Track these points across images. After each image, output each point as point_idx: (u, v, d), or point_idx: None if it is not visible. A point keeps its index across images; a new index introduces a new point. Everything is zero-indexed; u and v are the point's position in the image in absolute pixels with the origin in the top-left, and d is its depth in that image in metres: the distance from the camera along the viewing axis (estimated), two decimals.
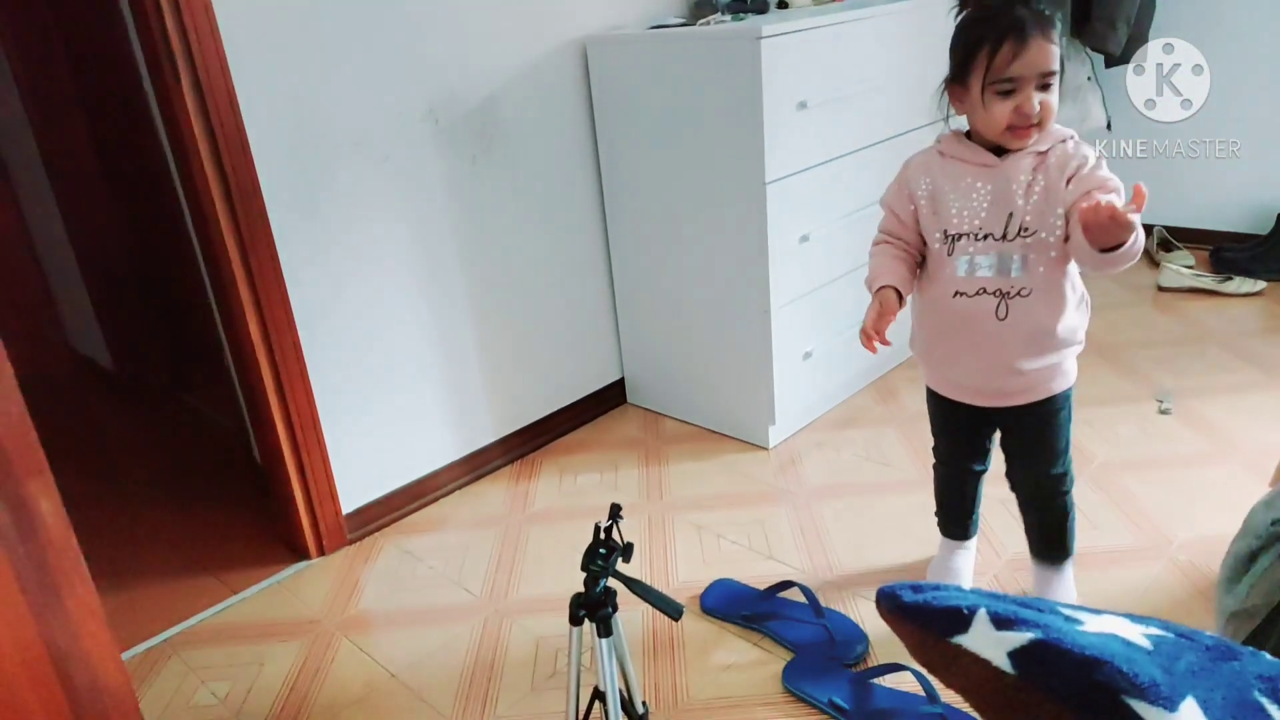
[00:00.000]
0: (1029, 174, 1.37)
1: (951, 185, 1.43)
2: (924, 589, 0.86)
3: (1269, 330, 2.72)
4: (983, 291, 1.42)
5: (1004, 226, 1.40)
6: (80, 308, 3.12)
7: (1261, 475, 1.95)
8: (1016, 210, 1.38)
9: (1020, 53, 1.30)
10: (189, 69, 1.69)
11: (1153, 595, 1.72)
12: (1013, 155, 1.39)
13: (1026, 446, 1.57)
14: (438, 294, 2.17)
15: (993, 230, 1.40)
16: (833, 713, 1.51)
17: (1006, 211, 1.39)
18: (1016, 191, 1.38)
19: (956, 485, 1.73)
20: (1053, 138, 1.38)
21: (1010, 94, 1.33)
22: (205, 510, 2.35)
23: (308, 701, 1.67)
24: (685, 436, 2.46)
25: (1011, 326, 1.42)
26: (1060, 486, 1.59)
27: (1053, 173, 1.36)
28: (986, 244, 1.41)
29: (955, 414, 1.60)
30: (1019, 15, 1.30)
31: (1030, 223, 1.38)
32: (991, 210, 1.40)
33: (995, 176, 1.39)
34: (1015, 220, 1.38)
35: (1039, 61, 1.31)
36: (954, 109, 1.44)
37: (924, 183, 1.47)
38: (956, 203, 1.42)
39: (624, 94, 2.26)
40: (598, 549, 1.26)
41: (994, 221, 1.40)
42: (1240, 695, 0.74)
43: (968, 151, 1.42)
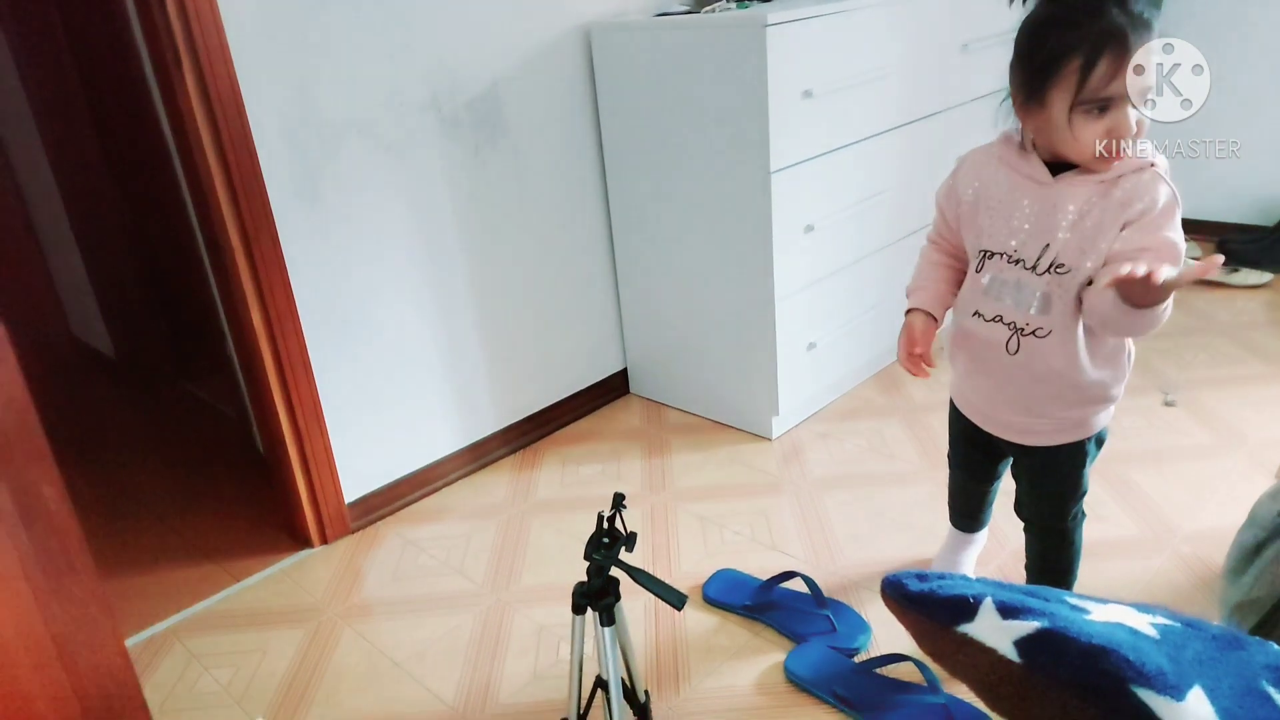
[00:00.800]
0: (1083, 204, 1.21)
1: (998, 196, 1.29)
2: (929, 578, 0.86)
3: (1275, 322, 2.71)
4: (998, 319, 1.32)
5: (1037, 257, 1.25)
6: (82, 296, 3.12)
7: (1266, 468, 1.95)
8: (1055, 243, 1.23)
9: (1122, 69, 1.11)
10: (190, 55, 1.68)
11: (1156, 587, 1.72)
12: (1070, 176, 1.22)
13: (1034, 485, 1.47)
14: (440, 283, 2.16)
15: (1025, 257, 1.27)
16: (835, 703, 1.51)
17: (1044, 241, 1.24)
18: (1061, 221, 1.22)
19: (963, 492, 1.70)
20: (1128, 164, 1.19)
21: (1104, 112, 1.15)
22: (208, 498, 2.35)
23: (310, 689, 1.68)
24: (688, 427, 2.45)
25: (1021, 365, 1.32)
26: (1063, 521, 1.47)
27: (1111, 210, 1.19)
28: (1015, 270, 1.28)
29: (965, 430, 1.53)
30: (1116, 22, 1.11)
31: (1066, 260, 1.23)
32: (1030, 235, 1.26)
33: (1044, 198, 1.24)
34: (1050, 253, 1.24)
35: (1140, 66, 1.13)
36: (1023, 125, 1.25)
37: (973, 185, 1.34)
38: (997, 217, 1.29)
39: (628, 82, 2.25)
40: (601, 538, 1.26)
41: (1029, 248, 1.26)
42: (1246, 684, 0.74)
43: (1022, 163, 1.27)
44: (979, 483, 1.66)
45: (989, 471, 1.62)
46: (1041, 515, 1.50)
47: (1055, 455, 1.40)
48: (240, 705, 1.66)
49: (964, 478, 1.67)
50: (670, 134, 2.21)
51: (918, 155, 2.42)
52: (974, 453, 1.59)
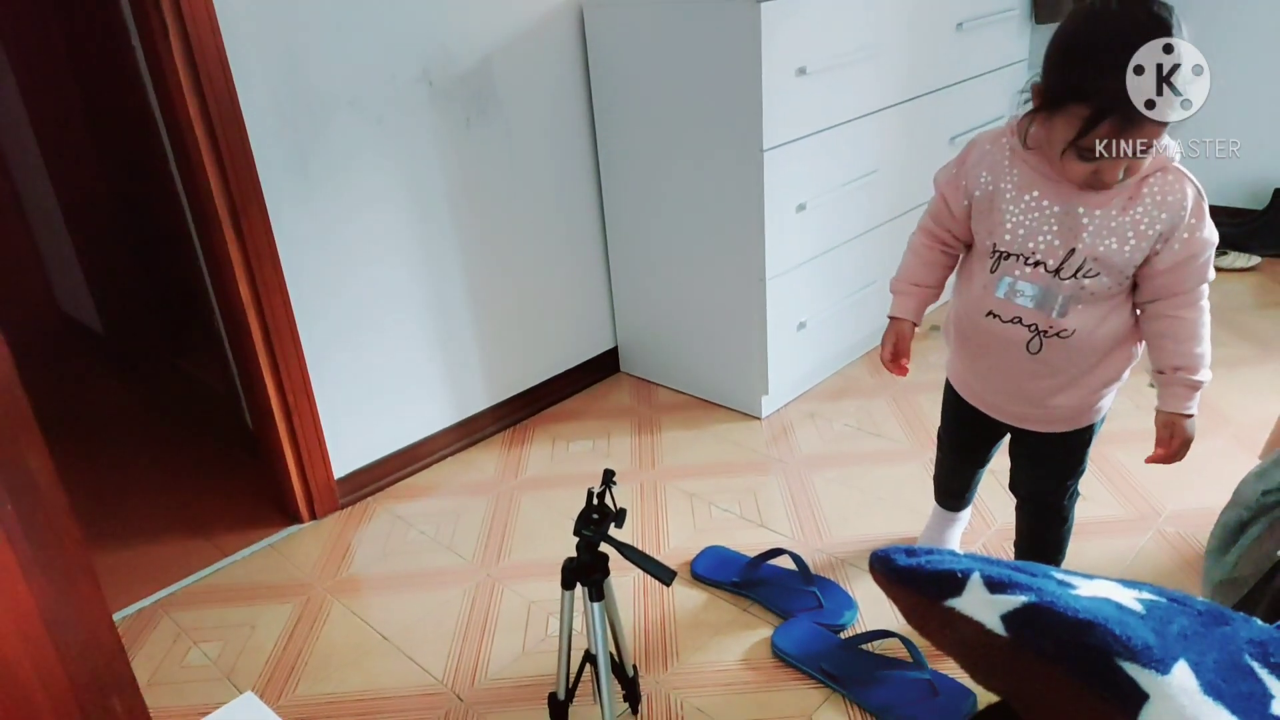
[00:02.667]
0: (1110, 209, 1.16)
1: (1014, 194, 1.22)
2: (918, 553, 0.86)
3: (1262, 305, 2.72)
4: (1018, 321, 1.27)
5: (1061, 260, 1.20)
6: (69, 270, 3.09)
7: (1251, 448, 1.96)
8: (1082, 247, 1.18)
9: (1124, 136, 1.07)
10: (178, 25, 1.66)
11: (1140, 565, 1.74)
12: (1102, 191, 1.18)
13: (1037, 464, 1.46)
14: (431, 259, 2.15)
15: (1047, 260, 1.21)
16: (821, 678, 1.53)
17: (1070, 246, 1.19)
18: (1088, 226, 1.17)
19: (955, 473, 1.70)
20: (1151, 164, 1.15)
21: (1096, 160, 1.11)
22: (197, 473, 2.35)
23: (299, 663, 1.68)
24: (678, 405, 2.46)
25: (1043, 363, 1.28)
26: (1062, 500, 1.48)
27: (1140, 215, 1.15)
28: (1036, 272, 1.22)
29: (966, 416, 1.50)
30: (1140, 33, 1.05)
31: (1093, 265, 1.19)
32: (1054, 239, 1.20)
33: (1067, 199, 1.18)
34: (1077, 257, 1.19)
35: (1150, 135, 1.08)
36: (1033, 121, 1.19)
37: (984, 178, 1.26)
38: (1014, 216, 1.22)
39: (621, 58, 2.23)
40: (590, 514, 1.26)
41: (1052, 251, 1.21)
42: (1231, 659, 0.75)
43: (1045, 163, 1.19)
44: (971, 465, 1.66)
45: (982, 455, 1.62)
46: (1040, 492, 1.50)
47: (1070, 437, 1.40)
48: (229, 679, 1.66)
49: (956, 460, 1.67)
50: (663, 111, 2.19)
51: (911, 135, 2.42)
52: (970, 436, 1.57)
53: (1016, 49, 2.72)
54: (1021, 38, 2.73)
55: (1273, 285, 2.84)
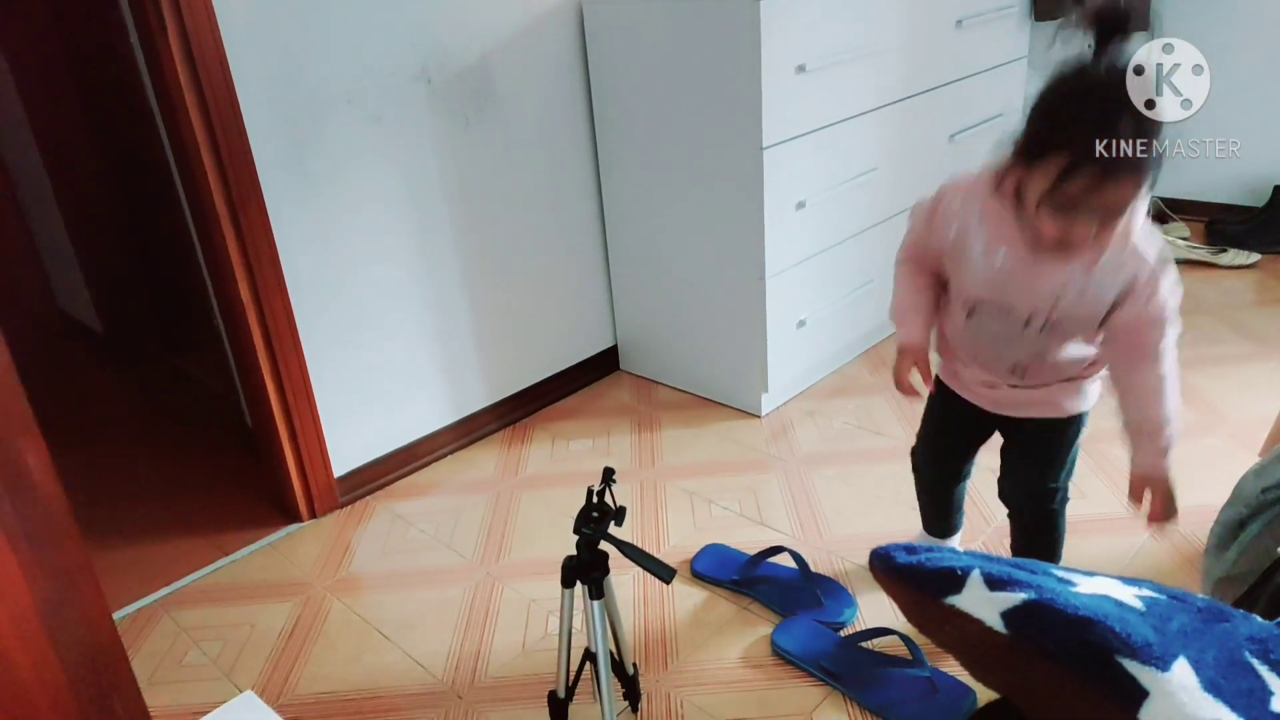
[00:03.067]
0: (1076, 271, 1.19)
1: (981, 246, 1.25)
2: (918, 550, 0.86)
3: (1261, 303, 2.72)
4: (997, 359, 1.35)
5: (1026, 316, 1.25)
6: (68, 269, 3.08)
7: (1251, 446, 1.96)
8: (1044, 305, 1.23)
9: (1099, 190, 1.06)
10: (176, 21, 1.65)
11: (1139, 562, 1.74)
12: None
13: (1026, 459, 1.47)
14: (430, 258, 2.15)
15: (1014, 306, 1.25)
16: (821, 676, 1.53)
17: (1033, 304, 1.23)
18: (1051, 285, 1.21)
19: (933, 494, 1.68)
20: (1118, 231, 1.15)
21: (1066, 217, 1.10)
22: (196, 472, 2.35)
23: (299, 662, 1.68)
24: (677, 403, 2.46)
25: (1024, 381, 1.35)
26: (1051, 502, 1.47)
27: (1104, 277, 1.18)
28: (1005, 323, 1.28)
29: (954, 410, 1.49)
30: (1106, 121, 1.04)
31: (1057, 319, 1.24)
32: (1020, 293, 1.24)
33: (1035, 258, 1.20)
34: (1039, 315, 1.24)
35: (1117, 202, 1.07)
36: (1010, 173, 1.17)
37: (955, 231, 1.28)
38: (983, 272, 1.25)
39: (620, 56, 2.23)
40: (590, 513, 1.26)
41: (1020, 304, 1.25)
42: (1231, 655, 0.75)
43: (1007, 216, 1.21)
44: (947, 480, 1.63)
45: (957, 468, 1.60)
46: (1030, 494, 1.49)
47: (1059, 425, 1.41)
48: (229, 678, 1.66)
49: (931, 478, 1.65)
50: (662, 108, 2.19)
51: (911, 132, 2.41)
52: (954, 438, 1.57)
53: (1016, 46, 2.72)
54: (1021, 35, 2.73)
55: (1272, 283, 2.84)
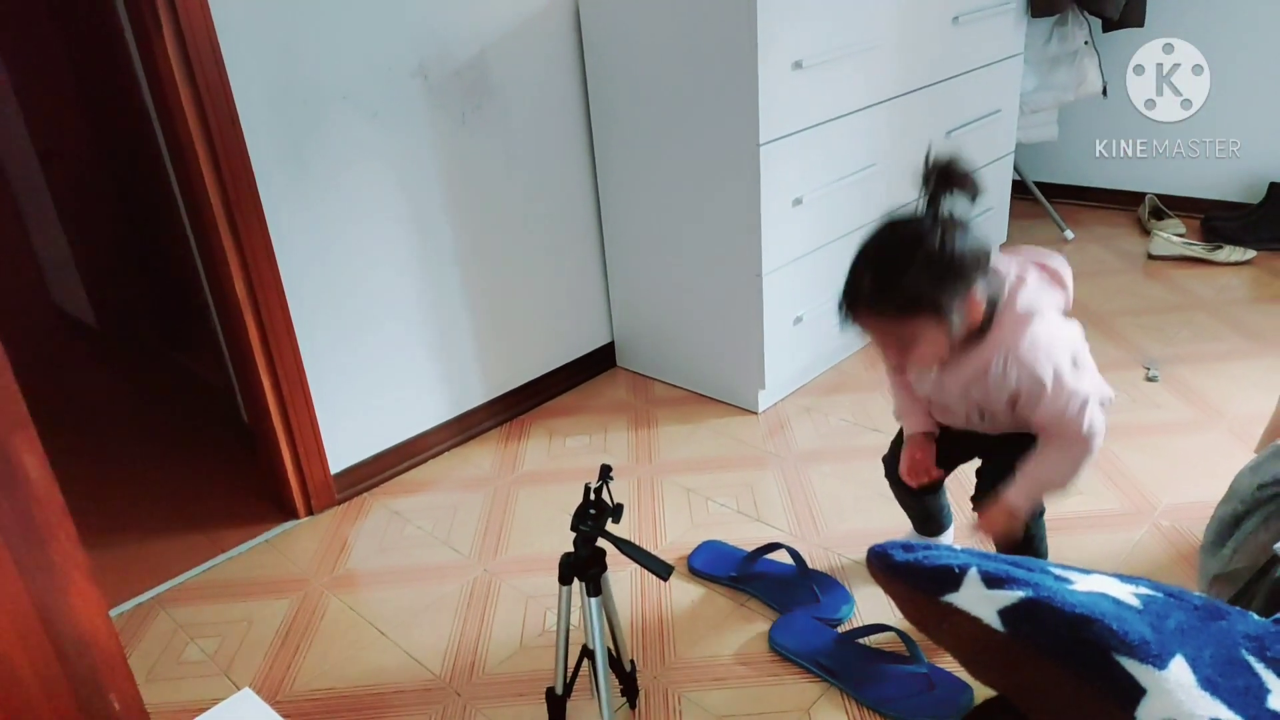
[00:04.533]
0: (968, 384, 1.32)
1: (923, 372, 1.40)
2: (915, 548, 0.86)
3: (1257, 299, 2.73)
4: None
5: (964, 410, 1.38)
6: (64, 264, 3.08)
7: (1247, 442, 1.97)
8: (970, 406, 1.37)
9: (850, 319, 1.26)
10: (171, 18, 1.65)
11: (1135, 559, 1.74)
12: (951, 371, 1.32)
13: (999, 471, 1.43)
14: (427, 254, 2.15)
15: (952, 405, 1.40)
16: (818, 672, 1.53)
17: (963, 406, 1.38)
18: (960, 392, 1.35)
19: (909, 502, 1.68)
20: (987, 351, 1.27)
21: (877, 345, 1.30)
22: (193, 468, 2.34)
23: (297, 659, 1.68)
24: (675, 400, 2.46)
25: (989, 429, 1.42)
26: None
27: (992, 389, 1.30)
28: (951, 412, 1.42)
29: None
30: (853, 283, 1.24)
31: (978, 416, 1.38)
32: (953, 401, 1.39)
33: (949, 374, 1.34)
34: (973, 409, 1.37)
35: (872, 331, 1.26)
36: None
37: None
38: (925, 388, 1.41)
39: (617, 52, 2.23)
40: (588, 509, 1.26)
41: (957, 405, 1.39)
42: (1228, 653, 0.75)
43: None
44: (921, 495, 1.63)
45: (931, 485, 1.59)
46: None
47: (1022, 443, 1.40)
48: (226, 675, 1.66)
49: (904, 492, 1.65)
50: (659, 104, 2.19)
51: (908, 129, 2.41)
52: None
53: (1012, 43, 2.72)
54: (1018, 31, 2.73)
55: (1267, 279, 2.85)
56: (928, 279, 1.18)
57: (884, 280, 1.21)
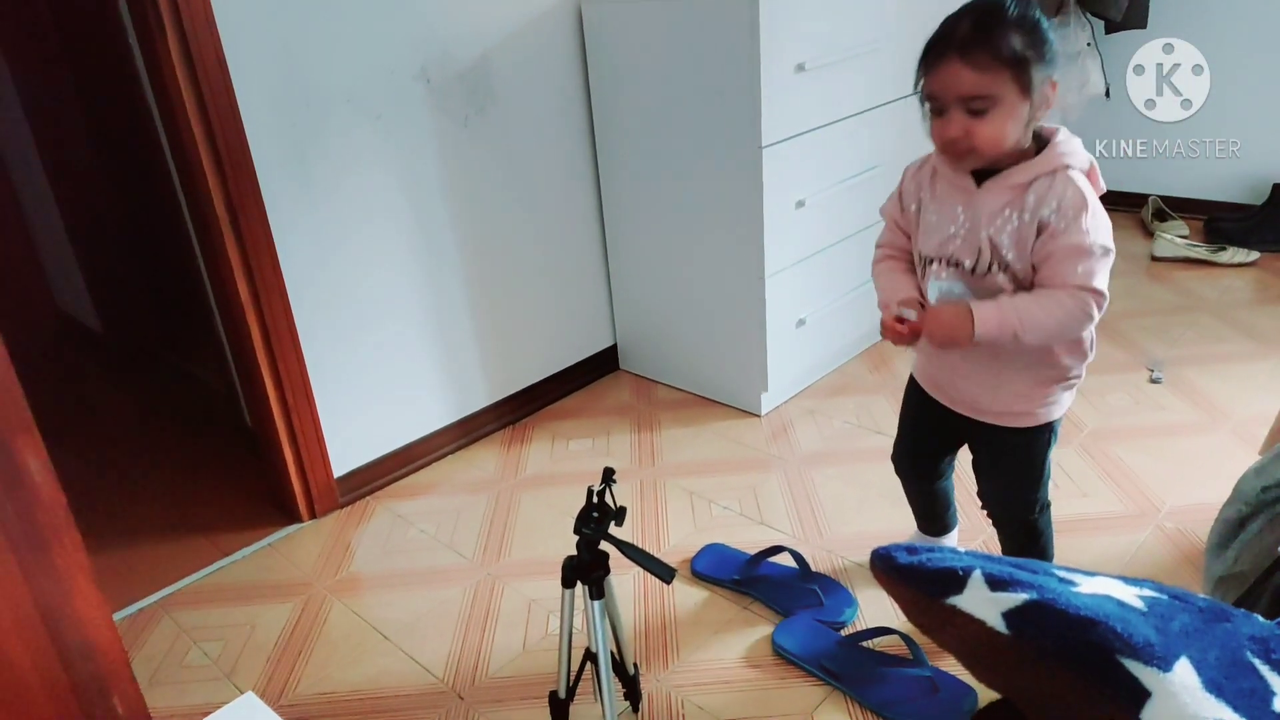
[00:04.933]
0: (1003, 207, 1.25)
1: (935, 205, 1.34)
2: (919, 550, 0.86)
3: (1261, 300, 2.72)
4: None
5: (974, 259, 1.29)
6: (67, 268, 3.08)
7: (1251, 444, 1.96)
8: (984, 246, 1.28)
9: (935, 73, 1.21)
10: (175, 21, 1.65)
11: (1139, 561, 1.73)
12: (992, 183, 1.26)
13: (998, 469, 1.47)
14: (430, 257, 2.15)
15: (963, 260, 1.30)
16: (822, 675, 1.53)
17: (977, 245, 1.28)
18: (987, 225, 1.27)
19: (916, 494, 1.68)
20: (1036, 169, 1.23)
21: (939, 114, 1.23)
22: (196, 472, 2.34)
23: (300, 662, 1.68)
24: (677, 403, 2.45)
25: (982, 354, 1.34)
26: (1029, 513, 1.47)
27: (1027, 213, 1.24)
28: (959, 272, 1.31)
29: (927, 409, 1.51)
30: (947, 29, 1.21)
31: (999, 260, 1.28)
32: (965, 239, 1.30)
33: (972, 204, 1.28)
34: (985, 255, 1.28)
35: (953, 84, 1.19)
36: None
37: (914, 195, 1.39)
38: (935, 224, 1.33)
39: (619, 55, 2.23)
40: (591, 513, 1.26)
41: (965, 251, 1.30)
42: (1233, 655, 0.74)
43: (952, 172, 1.32)
44: (923, 480, 1.63)
45: (933, 465, 1.60)
46: (1006, 504, 1.49)
47: (1019, 437, 1.40)
48: (229, 679, 1.66)
49: (911, 478, 1.65)
50: (662, 107, 2.19)
51: (910, 131, 2.38)
52: (924, 438, 1.57)
53: None
54: None
55: (1271, 280, 2.84)
56: (1025, 40, 1.17)
57: (984, 26, 1.18)
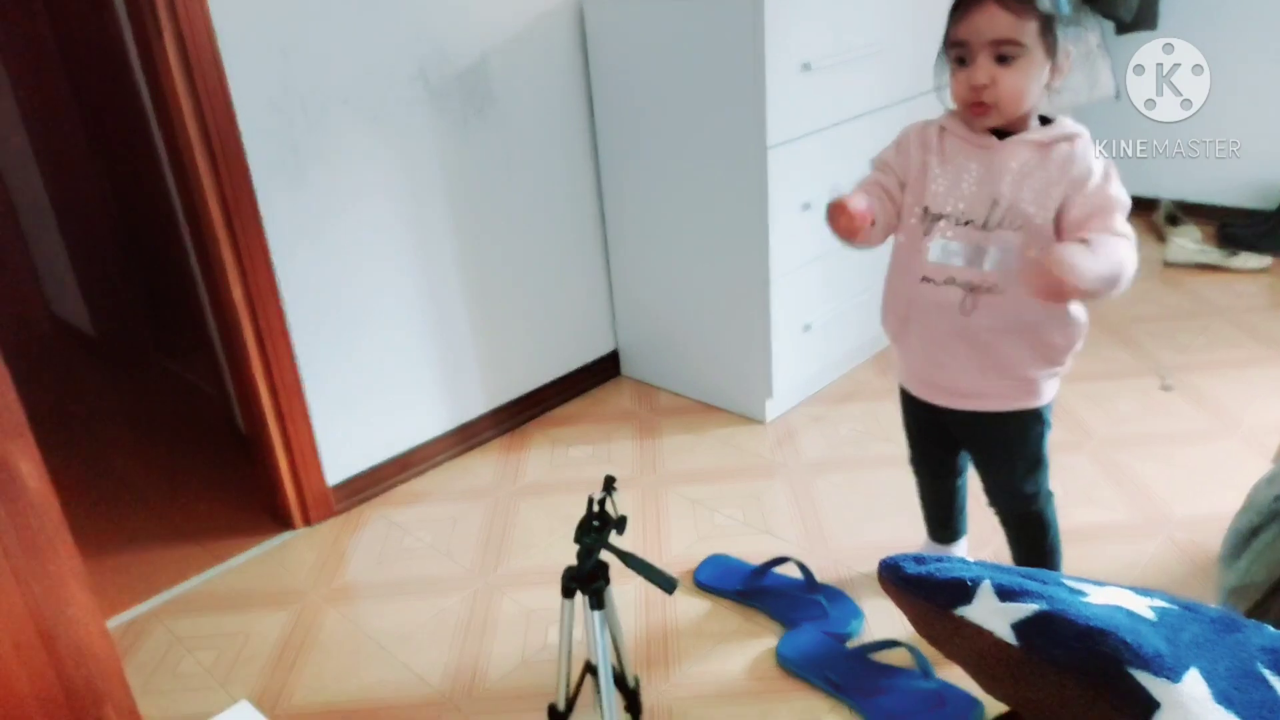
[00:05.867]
0: (1024, 163, 1.28)
1: (942, 162, 1.35)
2: (927, 560, 0.84)
3: (1274, 306, 2.69)
4: (951, 282, 1.34)
5: (986, 214, 1.30)
6: (61, 272, 3.08)
7: (1264, 452, 1.93)
8: (1002, 199, 1.29)
9: (967, 15, 1.22)
10: (171, 23, 1.64)
11: (1150, 572, 1.71)
12: (1013, 140, 1.29)
13: (993, 459, 1.47)
14: (427, 261, 2.13)
15: (974, 216, 1.31)
16: (827, 688, 1.50)
17: (992, 198, 1.30)
18: (1006, 179, 1.29)
19: (933, 493, 1.68)
20: (1055, 132, 1.28)
21: (964, 63, 1.24)
22: (190, 479, 2.33)
23: (294, 672, 1.66)
24: (680, 409, 2.43)
25: (976, 324, 1.34)
26: (1032, 504, 1.48)
27: (1052, 170, 1.27)
28: (965, 230, 1.32)
29: (919, 415, 1.53)
30: None
31: (1014, 217, 1.29)
32: (977, 194, 1.31)
33: (989, 160, 1.30)
34: (999, 209, 1.29)
35: (986, 27, 1.21)
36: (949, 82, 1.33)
37: (917, 153, 1.39)
38: (944, 180, 1.34)
39: (621, 55, 2.21)
40: (591, 521, 1.25)
41: (977, 207, 1.31)
42: (1244, 667, 0.73)
43: (966, 130, 1.33)
44: (938, 478, 1.64)
45: (945, 464, 1.60)
46: (1007, 494, 1.49)
47: (1007, 424, 1.40)
48: (223, 688, 1.64)
49: (924, 473, 1.66)
50: (665, 108, 2.17)
51: None
52: (927, 442, 1.59)
53: None
54: None
55: None
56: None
57: None
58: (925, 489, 1.69)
